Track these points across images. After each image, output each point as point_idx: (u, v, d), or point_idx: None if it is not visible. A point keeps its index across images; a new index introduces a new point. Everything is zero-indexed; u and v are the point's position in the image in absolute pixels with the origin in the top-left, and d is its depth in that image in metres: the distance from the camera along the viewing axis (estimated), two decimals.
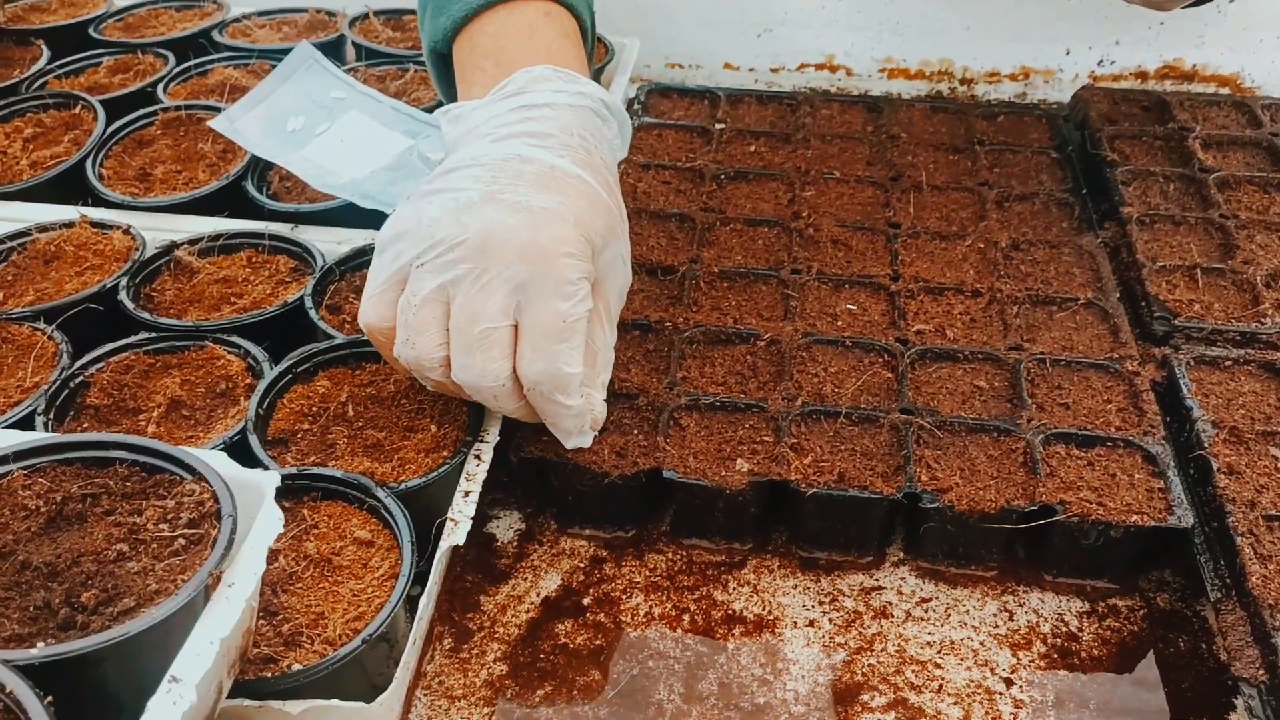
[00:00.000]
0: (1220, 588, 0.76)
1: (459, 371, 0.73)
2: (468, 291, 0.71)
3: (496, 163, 0.74)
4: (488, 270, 0.70)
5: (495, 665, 0.77)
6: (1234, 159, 1.17)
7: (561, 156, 0.75)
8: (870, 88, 1.39)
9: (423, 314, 0.72)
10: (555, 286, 0.70)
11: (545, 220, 0.71)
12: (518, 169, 0.73)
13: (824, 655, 0.77)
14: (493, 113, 0.78)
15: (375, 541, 0.73)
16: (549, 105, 0.78)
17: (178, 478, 0.60)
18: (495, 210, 0.71)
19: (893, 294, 0.97)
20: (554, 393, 0.73)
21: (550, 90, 0.78)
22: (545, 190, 0.73)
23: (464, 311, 0.71)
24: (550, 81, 0.79)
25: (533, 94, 0.78)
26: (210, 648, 0.52)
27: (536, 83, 0.79)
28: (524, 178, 0.73)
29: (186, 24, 1.36)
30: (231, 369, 0.86)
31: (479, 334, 0.71)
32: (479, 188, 0.72)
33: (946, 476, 0.80)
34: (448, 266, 0.71)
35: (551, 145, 0.75)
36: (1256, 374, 0.90)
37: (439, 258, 0.71)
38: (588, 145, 0.78)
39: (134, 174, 1.08)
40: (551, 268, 0.70)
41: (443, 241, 0.71)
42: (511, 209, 0.71)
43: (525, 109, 0.77)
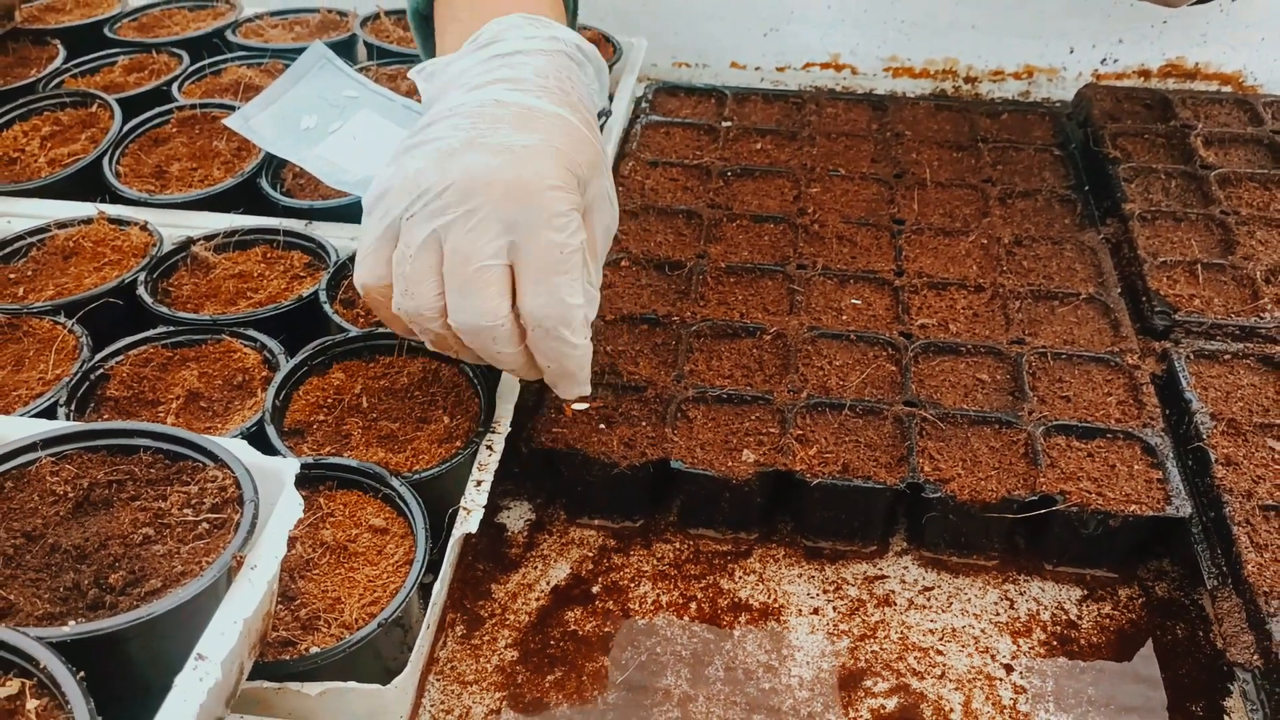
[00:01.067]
0: (1217, 576, 0.78)
1: (455, 314, 0.72)
2: (459, 233, 0.70)
3: (473, 110, 0.74)
4: (476, 211, 0.70)
5: (506, 651, 0.78)
6: (1235, 156, 1.18)
7: (539, 98, 0.75)
8: (875, 86, 1.40)
9: (418, 263, 0.71)
10: (547, 219, 0.70)
11: (528, 157, 0.71)
12: (495, 113, 0.73)
13: (828, 642, 0.79)
14: (466, 64, 0.78)
15: (390, 529, 0.75)
16: (521, 51, 0.77)
17: (201, 465, 0.61)
18: (477, 154, 0.71)
19: (897, 289, 0.99)
20: (558, 327, 0.72)
21: (522, 37, 0.78)
22: (525, 130, 0.73)
23: (457, 253, 0.70)
24: (522, 28, 0.79)
25: (505, 42, 0.78)
26: (234, 627, 0.54)
27: (508, 30, 0.79)
28: (502, 121, 0.73)
29: (200, 24, 1.38)
30: (248, 362, 0.88)
31: (474, 272, 0.70)
32: (459, 135, 0.72)
33: (949, 467, 0.81)
34: (437, 213, 0.70)
35: (527, 88, 0.75)
36: (1255, 367, 0.92)
37: (426, 206, 0.71)
38: (564, 86, 0.77)
39: (150, 171, 1.10)
40: (540, 201, 0.70)
41: (429, 190, 0.71)
42: (493, 150, 0.71)
43: (498, 57, 0.77)
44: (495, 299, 0.71)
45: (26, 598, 0.54)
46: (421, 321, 0.74)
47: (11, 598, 0.54)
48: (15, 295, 0.94)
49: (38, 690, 0.48)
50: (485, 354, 0.75)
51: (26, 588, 0.54)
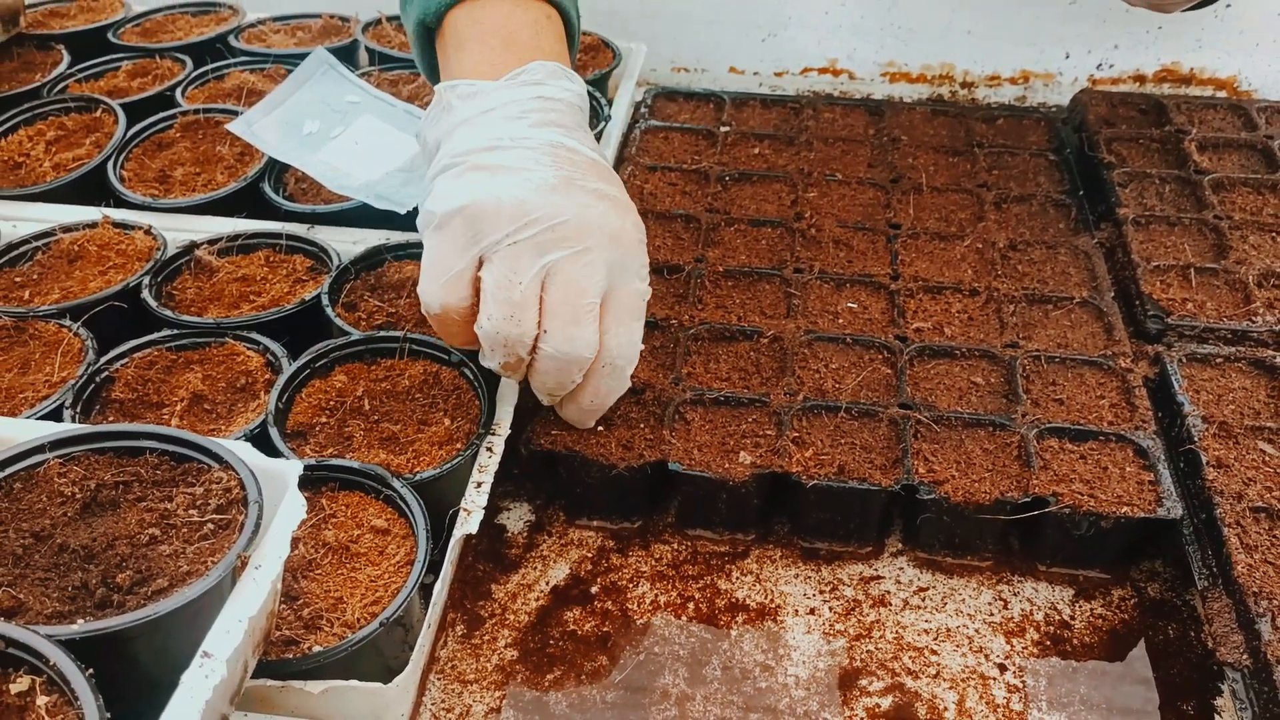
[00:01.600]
0: (1207, 576, 0.79)
1: (561, 344, 0.75)
2: (572, 268, 0.74)
3: (545, 147, 0.77)
4: (591, 250, 0.75)
5: (506, 651, 0.79)
6: (1229, 161, 1.19)
7: (594, 151, 0.80)
8: (872, 91, 1.41)
9: (529, 291, 0.74)
10: (637, 269, 0.78)
11: (624, 208, 0.78)
12: (571, 158, 0.78)
13: (824, 642, 0.80)
14: (514, 96, 0.80)
15: (391, 530, 0.76)
16: (563, 100, 0.82)
17: (206, 466, 0.63)
18: (582, 195, 0.76)
19: (892, 293, 1.00)
20: (626, 366, 0.79)
21: (562, 87, 0.82)
22: (606, 181, 0.78)
23: (571, 286, 0.74)
24: (560, 79, 0.83)
25: (549, 87, 0.81)
26: (239, 625, 0.55)
27: (551, 77, 0.82)
28: (581, 166, 0.78)
29: (203, 29, 1.39)
30: (251, 364, 0.89)
31: (585, 306, 0.75)
32: (549, 171, 0.76)
33: (943, 469, 0.83)
34: (551, 246, 0.74)
35: (579, 139, 0.80)
36: (1247, 371, 0.93)
37: (537, 236, 0.73)
38: (591, 140, 0.83)
39: (154, 176, 1.11)
40: (635, 251, 0.78)
41: (539, 220, 0.74)
42: (595, 195, 0.77)
43: (544, 100, 0.80)
44: (595, 333, 0.76)
45: (36, 596, 0.55)
46: (514, 346, 0.76)
47: (21, 596, 0.55)
48: (21, 298, 0.95)
49: (47, 687, 0.49)
50: (561, 381, 0.78)
51: (35, 587, 0.56)
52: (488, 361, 0.79)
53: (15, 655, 0.50)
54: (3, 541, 0.58)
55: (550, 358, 0.76)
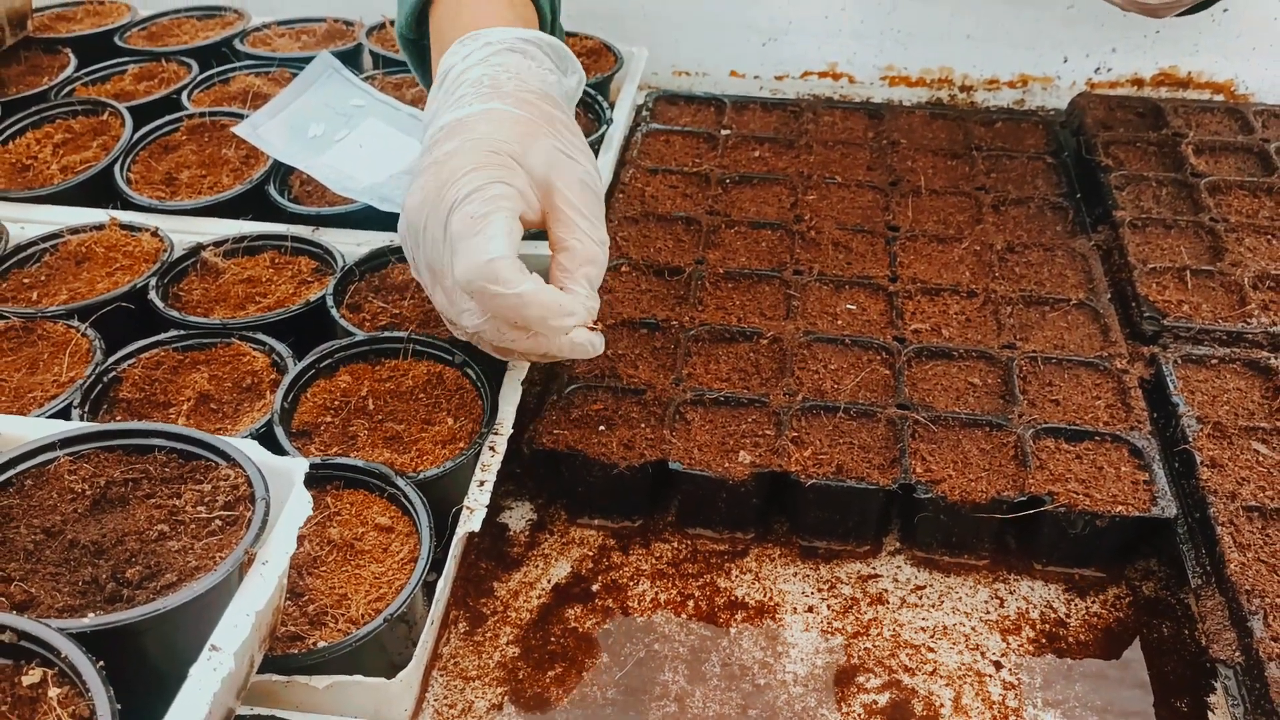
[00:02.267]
0: (1201, 575, 0.79)
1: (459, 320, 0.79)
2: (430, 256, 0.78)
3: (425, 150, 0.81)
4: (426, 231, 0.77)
5: (508, 648, 0.80)
6: (1225, 164, 1.20)
7: (469, 105, 0.80)
8: (872, 95, 1.42)
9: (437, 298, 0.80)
10: (462, 201, 0.75)
11: (445, 161, 0.77)
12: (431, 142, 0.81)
13: (822, 639, 0.81)
14: (433, 109, 0.85)
15: (395, 528, 0.77)
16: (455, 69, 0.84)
17: (213, 464, 0.64)
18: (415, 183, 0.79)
19: (891, 294, 1.01)
20: (486, 284, 0.73)
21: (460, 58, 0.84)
22: (446, 142, 0.79)
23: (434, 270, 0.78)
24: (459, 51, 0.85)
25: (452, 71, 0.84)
26: (246, 619, 0.56)
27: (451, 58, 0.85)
28: (434, 145, 0.80)
29: (209, 33, 1.40)
30: (257, 365, 0.90)
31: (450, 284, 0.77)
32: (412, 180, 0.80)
33: (940, 469, 0.83)
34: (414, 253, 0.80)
35: (458, 103, 0.81)
36: (1241, 372, 0.94)
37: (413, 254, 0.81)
38: (495, 82, 0.82)
39: (161, 178, 1.13)
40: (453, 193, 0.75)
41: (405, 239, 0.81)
42: (422, 172, 0.79)
43: (445, 87, 0.84)
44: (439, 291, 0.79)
45: (47, 591, 0.56)
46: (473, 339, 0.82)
47: (33, 591, 0.56)
48: (30, 299, 0.96)
49: (59, 679, 0.50)
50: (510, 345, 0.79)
51: (47, 581, 0.57)
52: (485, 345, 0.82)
53: (28, 648, 0.51)
54: (14, 537, 0.59)
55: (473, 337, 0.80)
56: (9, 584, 0.56)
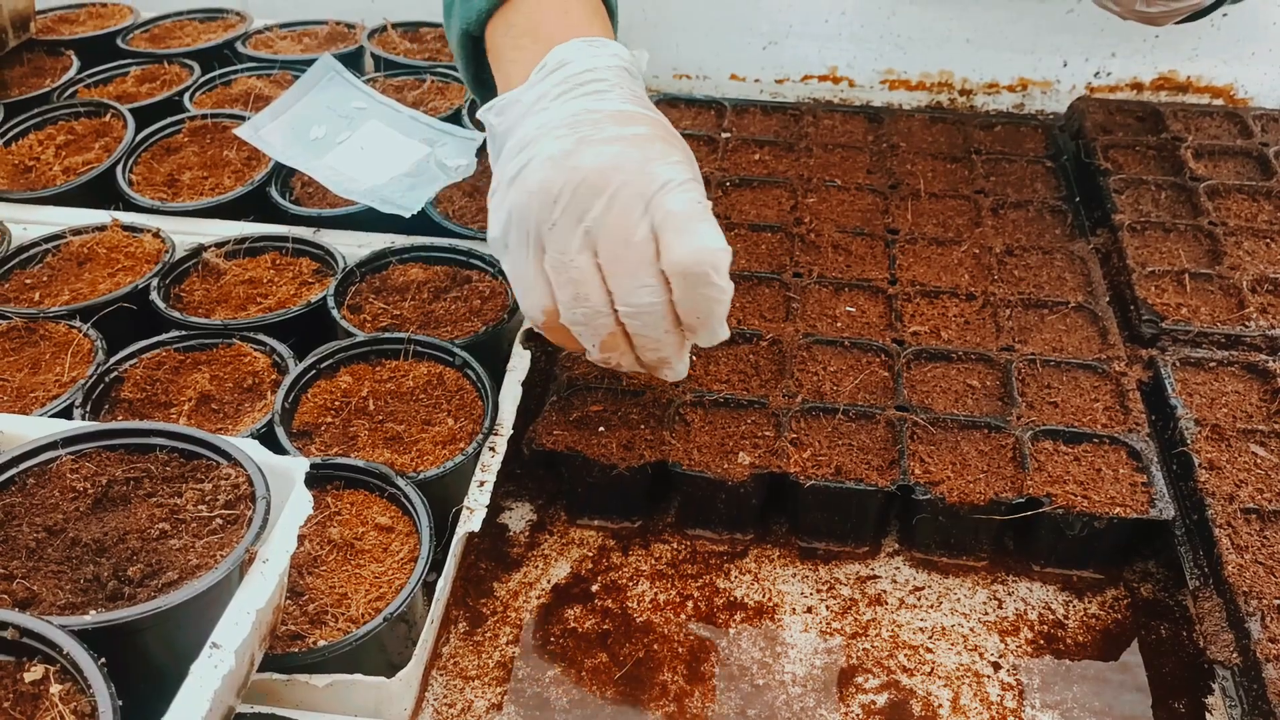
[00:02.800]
0: (1199, 576, 0.80)
1: (626, 298, 0.73)
2: (607, 219, 0.72)
3: (567, 120, 0.76)
4: (617, 195, 0.72)
5: (507, 648, 0.80)
6: (1224, 168, 1.20)
7: (625, 103, 0.78)
8: (872, 98, 1.43)
9: (580, 263, 0.73)
10: (678, 185, 0.73)
11: (642, 141, 0.75)
12: (592, 119, 0.76)
13: (821, 640, 0.81)
14: (541, 90, 0.80)
15: (395, 528, 0.78)
16: (591, 69, 0.80)
17: (215, 463, 0.64)
18: (594, 147, 0.74)
19: (890, 297, 1.01)
20: (709, 272, 0.72)
21: (589, 57, 0.81)
22: (628, 125, 0.76)
23: (613, 237, 0.72)
24: (585, 50, 0.82)
25: (574, 64, 0.81)
26: (247, 618, 0.57)
27: (573, 53, 0.81)
28: (601, 122, 0.76)
29: (211, 35, 1.41)
30: (258, 365, 0.90)
31: (634, 252, 0.72)
32: (565, 141, 0.75)
33: (939, 470, 0.84)
34: (581, 212, 0.72)
35: (610, 98, 0.78)
36: (1239, 374, 0.94)
37: (566, 209, 0.73)
38: (636, 94, 0.81)
39: (162, 179, 1.13)
40: (669, 172, 0.74)
41: (562, 192, 0.73)
42: (608, 142, 0.74)
43: (573, 77, 0.80)
44: (656, 273, 0.73)
45: (49, 588, 0.56)
46: (595, 322, 0.75)
47: (35, 588, 0.56)
48: (32, 300, 0.97)
49: (61, 675, 0.51)
50: (650, 341, 0.76)
51: (49, 579, 0.57)
52: (592, 355, 0.78)
53: (30, 645, 0.52)
54: (17, 535, 0.59)
55: (629, 317, 0.74)
56: (11, 581, 0.57)
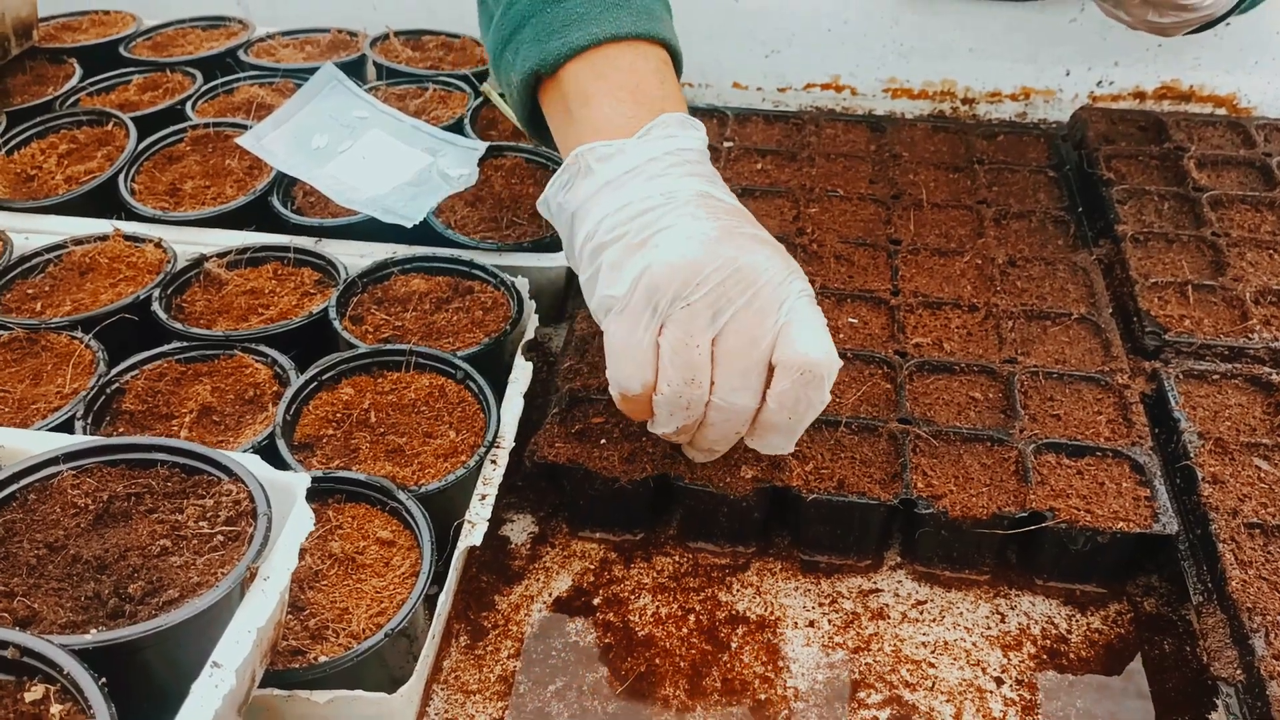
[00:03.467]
0: (1202, 592, 0.80)
1: (730, 395, 0.74)
2: (745, 320, 0.73)
3: (696, 199, 0.76)
4: (759, 294, 0.73)
5: (509, 662, 0.80)
6: (1228, 178, 1.20)
7: (732, 196, 0.80)
8: (874, 107, 1.43)
9: (705, 350, 0.73)
10: (809, 296, 0.75)
11: (780, 251, 0.76)
12: (721, 207, 0.77)
13: (823, 654, 0.81)
14: (652, 152, 0.79)
15: (396, 541, 0.77)
16: (695, 149, 0.81)
17: (216, 479, 0.64)
18: (744, 242, 0.74)
19: (893, 308, 1.01)
20: (825, 376, 0.74)
21: (691, 137, 0.82)
22: (756, 226, 0.78)
23: (743, 337, 0.73)
24: (689, 129, 0.82)
25: (681, 139, 0.81)
26: (248, 636, 0.56)
27: (681, 128, 0.81)
28: (735, 215, 0.77)
29: (213, 43, 1.41)
30: (259, 377, 0.90)
31: (757, 358, 0.73)
32: (709, 224, 0.75)
33: (941, 484, 0.84)
34: (723, 301, 0.72)
35: (718, 188, 0.80)
36: (1243, 387, 0.94)
37: (709, 294, 0.72)
38: (724, 185, 0.82)
39: (164, 189, 1.13)
40: (801, 284, 0.75)
41: (710, 277, 0.72)
42: (756, 241, 0.75)
43: (681, 151, 0.80)
44: (764, 379, 0.74)
45: (50, 606, 0.56)
46: (694, 409, 0.75)
47: (35, 606, 0.56)
48: (33, 310, 0.97)
49: (61, 695, 0.51)
50: (720, 434, 0.77)
51: (49, 596, 0.57)
52: (659, 428, 0.78)
53: (30, 664, 0.51)
54: (17, 552, 0.59)
55: (717, 410, 0.75)
56: (12, 599, 0.57)
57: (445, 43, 1.42)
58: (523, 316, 0.97)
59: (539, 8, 0.86)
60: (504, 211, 1.10)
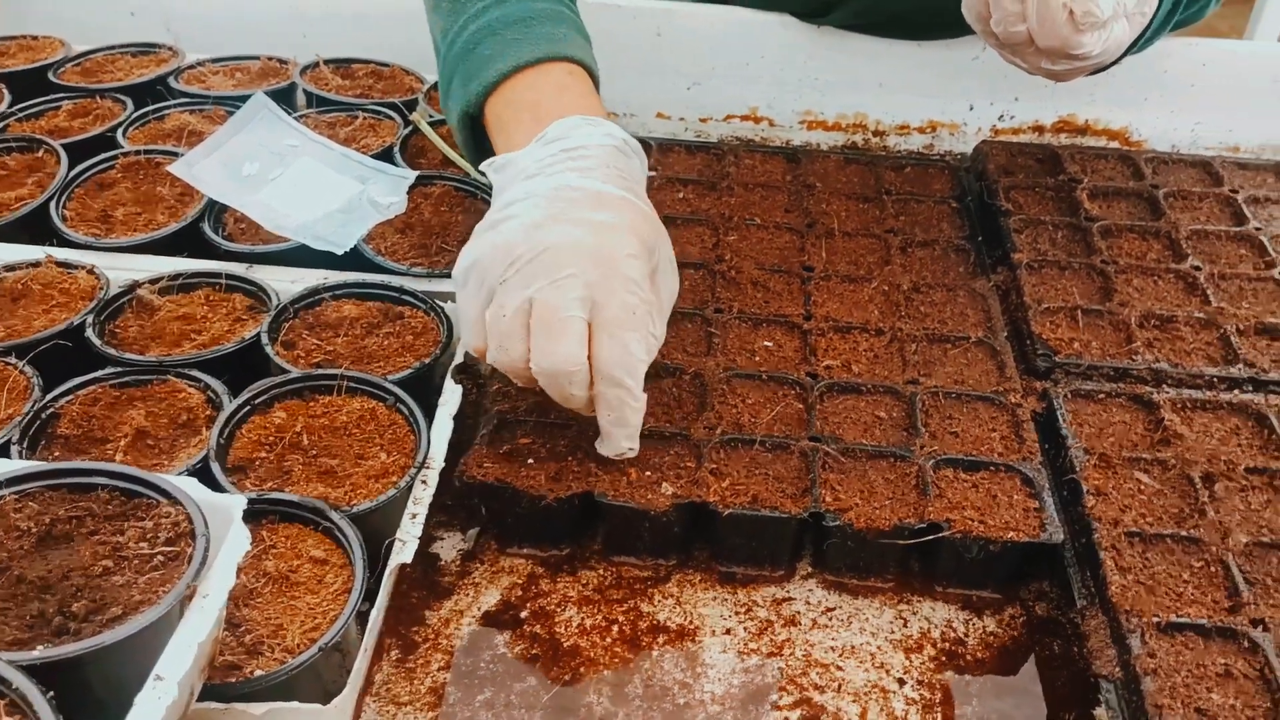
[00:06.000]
0: (1086, 596, 0.86)
1: (539, 359, 0.82)
2: (547, 291, 0.81)
3: (550, 192, 0.85)
4: (572, 275, 0.81)
5: (439, 674, 0.84)
6: (1117, 209, 1.28)
7: (605, 183, 0.87)
8: (791, 138, 1.49)
9: (513, 322, 0.82)
10: (623, 284, 0.82)
11: (607, 231, 0.84)
12: (571, 196, 0.85)
13: (739, 660, 0.86)
14: (537, 156, 0.89)
15: (329, 560, 0.80)
16: (584, 146, 0.89)
17: (155, 501, 0.67)
18: (564, 226, 0.83)
19: (805, 332, 1.06)
20: (625, 377, 0.82)
21: (583, 134, 0.90)
22: (600, 209, 0.85)
23: (545, 306, 0.81)
24: (581, 127, 0.91)
25: (569, 139, 0.90)
26: (189, 651, 0.59)
27: (571, 129, 0.90)
28: (579, 202, 0.85)
29: (143, 70, 1.41)
30: (192, 401, 0.92)
31: (558, 321, 0.81)
32: (541, 211, 0.84)
33: (848, 497, 0.89)
34: (530, 278, 0.81)
35: (594, 176, 0.87)
36: (1126, 406, 1.01)
37: (520, 271, 0.82)
38: (623, 174, 0.89)
39: (96, 215, 1.14)
40: (618, 269, 0.82)
41: (521, 257, 0.82)
42: (577, 224, 0.83)
43: (565, 151, 0.89)
44: (574, 346, 0.81)
45: None
46: (513, 372, 0.85)
47: None
48: None
49: (10, 709, 0.53)
50: (559, 396, 0.85)
51: None
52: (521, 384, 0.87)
53: None
54: None
55: (540, 373, 0.83)
56: None
57: (375, 71, 1.45)
58: (452, 341, 1.00)
59: (462, 58, 0.98)
60: (433, 238, 1.14)
